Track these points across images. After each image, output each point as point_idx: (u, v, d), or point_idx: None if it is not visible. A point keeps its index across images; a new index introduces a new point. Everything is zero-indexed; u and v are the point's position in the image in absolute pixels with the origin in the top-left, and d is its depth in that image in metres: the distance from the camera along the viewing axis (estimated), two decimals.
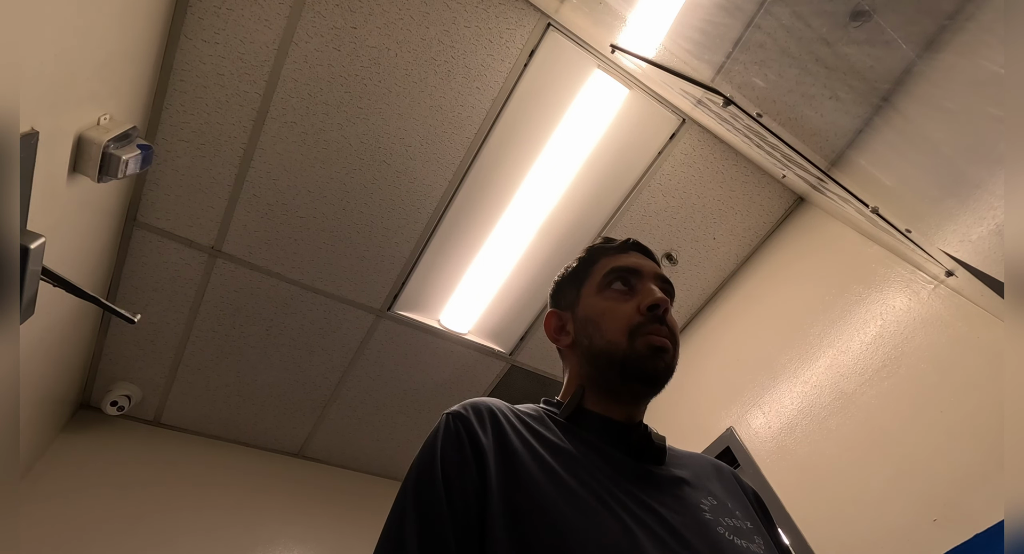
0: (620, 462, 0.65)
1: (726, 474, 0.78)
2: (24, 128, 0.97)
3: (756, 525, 0.68)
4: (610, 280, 0.75)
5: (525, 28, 1.74)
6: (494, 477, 0.58)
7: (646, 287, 0.73)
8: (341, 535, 2.37)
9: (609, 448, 0.67)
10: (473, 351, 2.43)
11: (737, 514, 0.67)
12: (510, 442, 0.62)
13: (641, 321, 0.69)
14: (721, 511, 0.65)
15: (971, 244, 1.17)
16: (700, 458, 0.79)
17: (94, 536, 1.85)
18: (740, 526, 0.64)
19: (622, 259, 0.78)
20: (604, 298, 0.75)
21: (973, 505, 1.11)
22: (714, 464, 0.79)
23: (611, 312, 0.72)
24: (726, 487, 0.73)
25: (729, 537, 0.61)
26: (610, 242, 0.83)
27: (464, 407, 0.66)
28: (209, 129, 1.74)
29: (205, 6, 1.56)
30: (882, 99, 1.53)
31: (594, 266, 0.79)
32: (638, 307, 0.71)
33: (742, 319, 2.17)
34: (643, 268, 0.77)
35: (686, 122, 1.98)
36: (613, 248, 0.81)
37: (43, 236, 0.97)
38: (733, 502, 0.70)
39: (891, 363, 1.45)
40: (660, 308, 0.70)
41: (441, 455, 0.60)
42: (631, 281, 0.75)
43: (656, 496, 0.62)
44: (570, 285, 0.81)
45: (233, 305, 2.13)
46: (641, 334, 0.68)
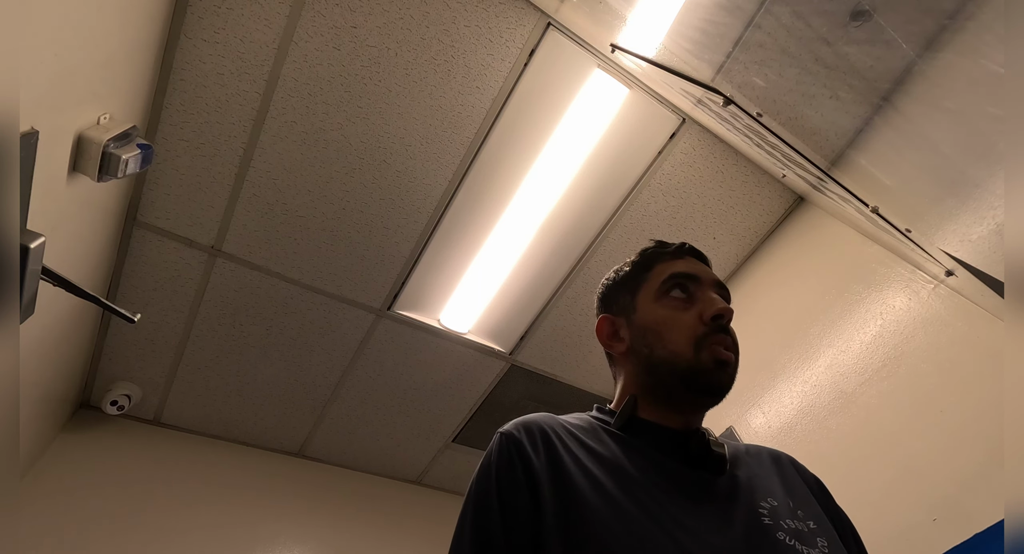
0: (676, 474, 0.64)
1: (785, 464, 0.76)
2: (24, 128, 0.97)
3: (820, 522, 0.66)
4: (669, 287, 0.73)
5: (525, 28, 1.74)
6: (547, 500, 0.58)
7: (707, 295, 0.72)
8: (341, 535, 2.37)
9: (665, 458, 0.66)
10: (473, 351, 2.43)
11: (799, 514, 0.65)
12: (563, 463, 0.62)
13: (706, 331, 0.68)
14: (782, 513, 0.63)
15: (971, 244, 1.17)
16: (757, 451, 0.77)
17: (94, 535, 1.85)
18: (802, 528, 0.62)
19: (679, 265, 0.76)
20: (663, 306, 0.73)
21: (973, 505, 1.11)
22: (772, 455, 0.77)
23: (673, 321, 0.70)
24: (786, 481, 0.71)
25: (790, 542, 0.59)
26: (665, 246, 0.81)
27: (517, 428, 0.66)
28: (209, 128, 1.74)
29: (205, 5, 1.56)
30: (882, 99, 1.53)
31: (650, 272, 0.77)
32: (700, 316, 0.69)
33: (742, 319, 2.16)
34: (702, 275, 0.75)
35: (686, 122, 1.98)
36: (668, 253, 0.79)
37: (43, 235, 0.97)
38: (795, 499, 0.68)
39: (891, 363, 1.45)
40: (724, 318, 0.69)
41: (496, 478, 0.61)
42: (690, 288, 0.73)
43: (713, 509, 0.61)
44: (623, 290, 0.79)
45: (233, 305, 2.13)
46: (707, 346, 0.67)
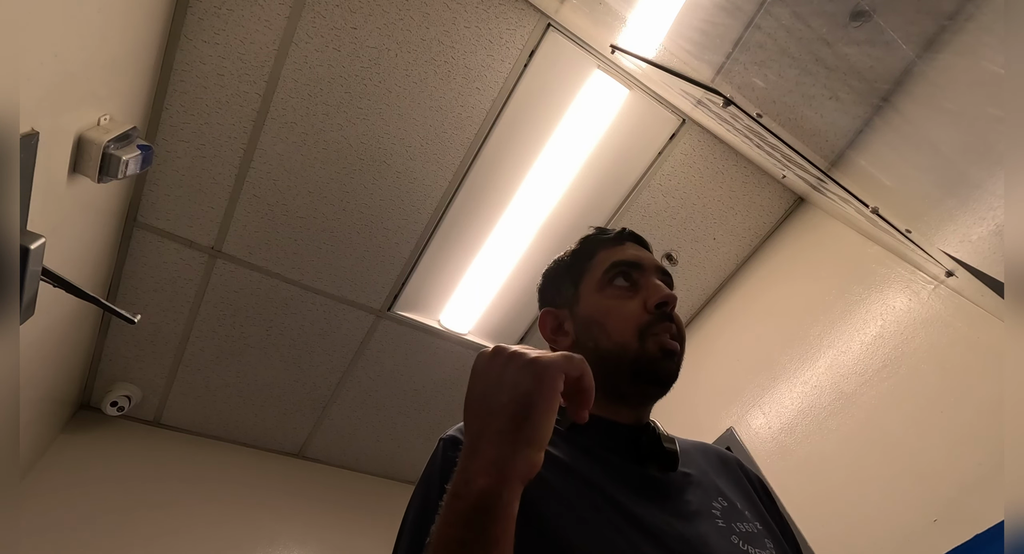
0: (629, 474, 0.62)
1: (731, 465, 0.75)
2: (24, 128, 0.97)
3: (766, 524, 0.66)
4: (611, 276, 0.71)
5: (525, 28, 1.74)
6: None
7: (650, 282, 0.70)
8: (341, 535, 2.37)
9: (616, 457, 0.64)
10: (473, 351, 2.43)
11: (747, 514, 0.65)
12: None
13: (650, 320, 0.66)
14: (733, 515, 0.63)
15: (971, 244, 1.17)
16: (705, 449, 0.75)
17: (94, 535, 1.85)
18: (751, 530, 0.62)
19: (621, 252, 0.74)
20: (606, 296, 0.70)
21: (973, 505, 1.10)
22: (719, 455, 0.76)
23: (617, 311, 0.68)
24: (732, 482, 0.71)
25: (744, 547, 0.59)
26: (605, 233, 0.79)
27: (459, 430, 0.61)
28: (209, 130, 1.74)
29: (205, 6, 1.56)
30: (882, 99, 1.53)
31: (592, 261, 0.75)
32: (645, 305, 0.68)
33: (742, 319, 2.17)
34: (644, 261, 0.73)
35: (686, 122, 1.98)
36: (609, 239, 0.77)
37: (43, 236, 0.97)
38: (742, 500, 0.68)
39: (891, 363, 1.45)
40: (668, 305, 0.67)
41: (440, 487, 0.57)
42: (633, 276, 0.71)
43: (667, 507, 0.60)
44: (565, 280, 0.76)
45: (233, 305, 2.13)
46: (651, 334, 0.65)
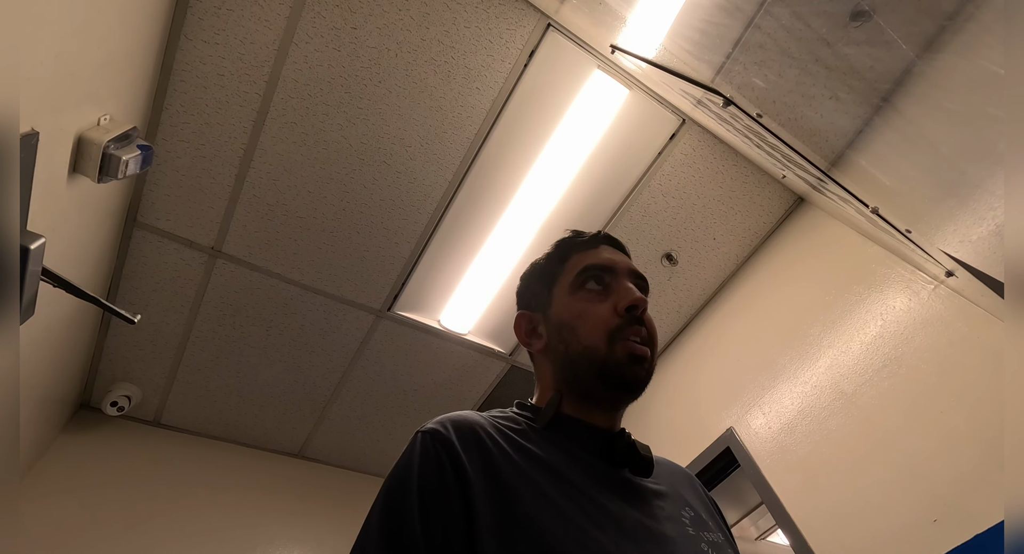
0: (604, 474, 0.63)
1: (695, 482, 0.77)
2: (24, 128, 0.97)
3: (726, 537, 0.68)
4: (583, 279, 0.71)
5: (525, 29, 1.74)
6: (482, 503, 0.53)
7: (622, 285, 0.70)
8: (341, 535, 2.37)
9: (591, 457, 0.64)
10: (473, 351, 2.43)
11: (711, 526, 0.66)
12: (496, 464, 0.57)
13: (620, 323, 0.66)
14: (700, 524, 0.65)
15: (971, 244, 1.17)
16: (671, 465, 0.77)
17: (94, 536, 1.85)
18: (716, 540, 0.64)
19: (594, 255, 0.74)
20: (578, 299, 0.70)
21: (973, 505, 1.10)
22: (683, 472, 0.78)
23: (587, 314, 0.68)
24: (696, 497, 0.73)
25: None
26: (579, 236, 0.79)
27: (443, 425, 0.59)
28: (209, 130, 1.74)
29: (205, 6, 1.56)
30: (882, 99, 1.53)
31: (565, 264, 0.75)
32: (615, 308, 0.67)
33: (742, 319, 2.17)
34: (617, 265, 0.73)
35: (686, 122, 1.98)
36: (584, 242, 0.77)
37: (43, 236, 0.97)
38: (706, 513, 0.69)
39: (891, 363, 1.45)
40: (638, 309, 0.67)
41: (420, 480, 0.54)
42: (605, 279, 0.71)
43: (641, 509, 0.61)
44: (539, 284, 0.77)
45: (233, 305, 2.13)
46: (620, 338, 0.65)
